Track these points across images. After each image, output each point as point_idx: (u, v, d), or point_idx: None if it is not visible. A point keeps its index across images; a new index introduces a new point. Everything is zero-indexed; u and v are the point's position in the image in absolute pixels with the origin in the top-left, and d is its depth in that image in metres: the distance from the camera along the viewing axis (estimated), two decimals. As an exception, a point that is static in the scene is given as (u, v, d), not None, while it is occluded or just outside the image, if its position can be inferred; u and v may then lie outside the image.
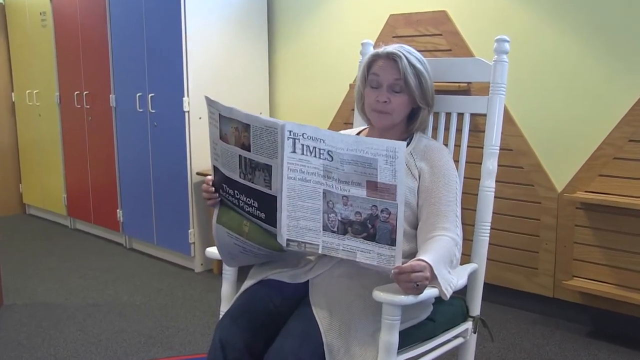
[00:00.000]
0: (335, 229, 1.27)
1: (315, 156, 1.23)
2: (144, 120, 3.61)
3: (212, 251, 1.67)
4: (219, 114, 1.34)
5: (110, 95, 3.84)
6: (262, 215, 1.33)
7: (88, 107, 4.08)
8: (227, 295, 1.68)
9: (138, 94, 3.61)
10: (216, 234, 1.47)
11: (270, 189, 1.27)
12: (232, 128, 1.32)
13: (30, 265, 3.60)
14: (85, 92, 4.08)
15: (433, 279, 1.30)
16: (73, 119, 4.24)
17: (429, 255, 1.33)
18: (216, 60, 3.44)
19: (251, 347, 1.44)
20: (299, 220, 1.26)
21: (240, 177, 1.34)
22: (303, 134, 1.21)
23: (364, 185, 1.23)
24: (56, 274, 3.45)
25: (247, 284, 1.59)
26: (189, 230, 3.45)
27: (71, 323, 2.74)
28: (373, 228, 1.26)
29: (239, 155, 1.32)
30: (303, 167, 1.23)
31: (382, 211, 1.24)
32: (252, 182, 1.31)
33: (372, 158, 1.21)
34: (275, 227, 1.30)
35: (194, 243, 3.47)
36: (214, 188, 1.47)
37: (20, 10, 4.60)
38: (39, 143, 4.65)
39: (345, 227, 1.27)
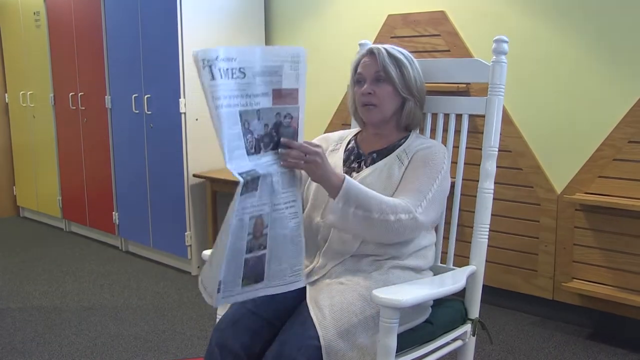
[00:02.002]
0: (252, 150, 1.27)
1: (229, 78, 1.22)
2: (140, 121, 3.58)
3: (209, 254, 1.65)
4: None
5: (106, 97, 3.82)
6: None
7: (83, 108, 4.05)
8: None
9: (134, 95, 3.59)
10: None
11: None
12: None
13: (25, 269, 3.57)
14: (80, 94, 4.05)
15: (336, 188, 1.38)
16: (68, 120, 4.21)
17: (358, 184, 1.43)
18: (212, 61, 3.41)
19: (248, 351, 1.43)
20: (234, 150, 1.25)
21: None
22: (216, 57, 1.20)
23: (270, 94, 1.26)
24: (51, 277, 3.43)
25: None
26: (186, 233, 3.43)
27: (66, 327, 2.72)
28: (277, 134, 1.29)
29: None
30: (222, 91, 1.21)
31: (284, 117, 1.28)
32: None
33: (278, 66, 1.24)
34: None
35: (190, 245, 3.44)
36: None
37: (13, 10, 4.58)
38: (33, 145, 4.63)
39: (259, 144, 1.28)
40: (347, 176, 1.40)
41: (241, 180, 1.20)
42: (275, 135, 1.29)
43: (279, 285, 1.36)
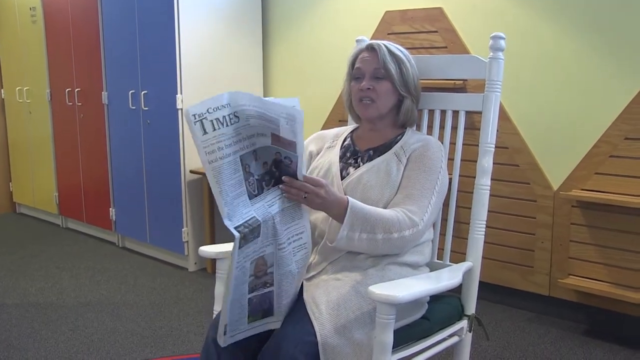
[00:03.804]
0: (255, 192, 1.27)
1: (227, 125, 1.21)
2: (137, 117, 3.58)
3: (206, 250, 1.66)
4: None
5: (103, 93, 3.81)
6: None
7: (80, 104, 4.04)
8: (221, 294, 1.66)
9: (131, 91, 3.58)
10: None
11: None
12: None
13: (21, 265, 3.57)
14: (76, 89, 4.04)
15: (340, 215, 1.39)
16: (64, 116, 4.20)
17: (361, 203, 1.43)
18: (210, 57, 3.41)
19: (245, 347, 1.43)
20: (233, 201, 1.24)
21: None
22: (207, 109, 1.18)
23: (268, 136, 1.24)
24: (47, 273, 3.42)
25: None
26: (183, 229, 3.42)
27: (63, 323, 2.72)
28: (278, 171, 1.28)
29: None
30: (219, 142, 1.20)
31: (284, 158, 1.27)
32: None
33: (275, 118, 1.22)
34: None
35: (187, 242, 3.44)
36: None
37: (9, 5, 4.56)
38: (30, 141, 4.61)
39: (261, 183, 1.28)
40: (350, 200, 1.40)
41: (237, 235, 1.21)
42: (275, 171, 1.29)
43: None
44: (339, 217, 1.41)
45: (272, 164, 1.28)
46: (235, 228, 1.22)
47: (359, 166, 1.60)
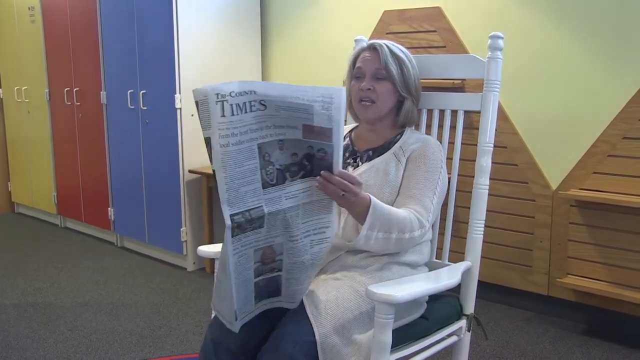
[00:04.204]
0: (274, 181, 1.22)
1: (246, 112, 1.15)
2: (136, 117, 3.57)
3: (205, 250, 1.65)
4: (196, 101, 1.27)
5: (101, 92, 3.81)
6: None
7: (78, 104, 4.04)
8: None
9: (129, 91, 3.58)
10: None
11: (212, 164, 1.21)
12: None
13: (19, 265, 3.56)
14: (75, 89, 4.04)
15: (362, 213, 1.36)
16: (63, 116, 4.20)
17: (379, 201, 1.38)
18: (208, 56, 3.41)
19: (243, 347, 1.43)
20: (239, 188, 1.20)
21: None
22: (230, 93, 1.13)
23: (300, 128, 1.18)
24: (46, 273, 3.42)
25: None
26: (181, 229, 3.42)
27: (61, 323, 2.71)
28: (310, 165, 1.22)
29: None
30: (235, 128, 1.15)
31: (318, 151, 1.21)
32: (210, 160, 1.25)
33: (307, 104, 1.15)
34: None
35: (186, 241, 3.44)
36: None
37: (7, 5, 4.56)
38: (28, 140, 4.61)
39: (283, 174, 1.22)
40: (372, 199, 1.37)
41: (228, 224, 1.18)
42: (307, 164, 1.22)
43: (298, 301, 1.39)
44: (360, 216, 1.38)
45: (304, 157, 1.21)
46: (232, 216, 1.19)
47: (357, 166, 1.60)
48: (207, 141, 1.19)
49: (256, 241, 1.25)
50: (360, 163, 1.61)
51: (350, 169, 1.60)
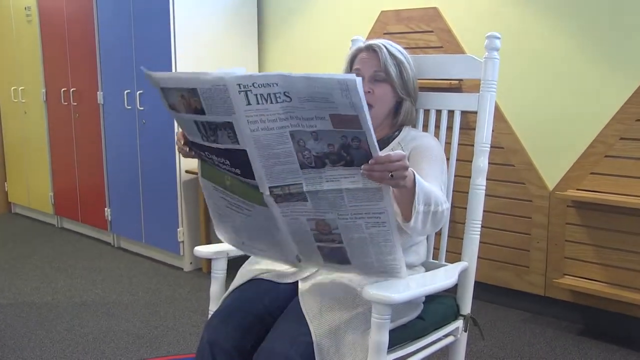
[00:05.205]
0: (313, 164, 1.19)
1: (272, 102, 1.12)
2: (132, 117, 3.57)
3: (201, 250, 1.65)
4: (160, 87, 1.25)
5: (98, 92, 3.80)
6: (237, 171, 1.26)
7: (75, 104, 4.03)
8: (216, 294, 1.66)
9: (126, 91, 3.57)
10: (203, 188, 1.42)
11: (238, 144, 1.19)
12: (178, 96, 1.23)
13: (16, 265, 3.56)
14: (72, 89, 4.03)
15: (411, 186, 1.25)
16: (60, 116, 4.19)
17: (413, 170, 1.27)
18: (205, 56, 3.40)
19: (240, 347, 1.43)
20: (274, 166, 1.19)
21: (203, 140, 1.27)
22: (253, 84, 1.10)
23: (328, 119, 1.14)
24: (43, 273, 3.41)
25: (236, 283, 1.58)
26: (178, 229, 3.42)
27: (58, 323, 2.71)
28: (349, 155, 1.17)
29: (194, 121, 1.24)
30: (262, 116, 1.13)
31: (352, 139, 1.15)
32: (217, 142, 1.23)
33: (327, 92, 1.10)
34: (254, 180, 1.24)
35: (183, 242, 3.44)
36: (186, 144, 1.39)
37: (4, 5, 4.55)
38: (25, 141, 4.60)
39: (322, 160, 1.18)
40: (415, 174, 1.26)
41: (267, 194, 1.22)
42: (346, 155, 1.16)
43: (375, 273, 1.37)
44: (407, 192, 1.27)
45: (341, 148, 1.16)
46: (271, 188, 1.19)
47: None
48: (182, 123, 1.24)
49: (305, 212, 1.23)
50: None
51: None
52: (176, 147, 1.41)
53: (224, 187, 1.35)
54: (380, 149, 1.58)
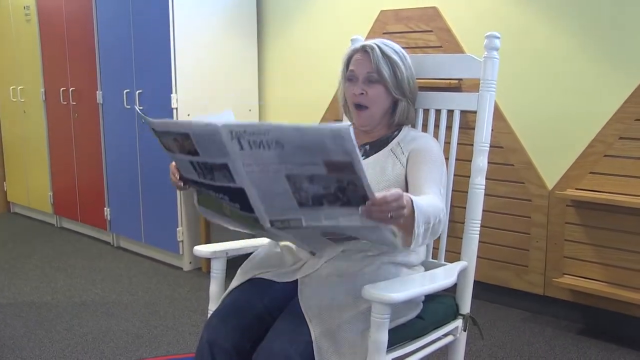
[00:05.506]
0: (310, 203, 1.21)
1: (264, 149, 1.15)
2: (132, 117, 3.57)
3: (201, 249, 1.65)
4: (154, 130, 1.29)
5: (97, 92, 3.80)
6: (237, 205, 1.29)
7: (74, 103, 4.03)
8: (216, 293, 1.66)
9: (125, 91, 3.57)
10: (200, 212, 1.46)
11: (235, 183, 1.22)
12: (171, 139, 1.27)
13: (16, 265, 3.55)
14: (71, 89, 4.03)
15: (410, 214, 1.24)
16: (59, 115, 4.19)
17: (413, 197, 1.28)
18: (205, 55, 3.40)
19: (239, 347, 1.43)
20: (273, 202, 1.22)
21: (199, 178, 1.31)
22: (245, 131, 1.13)
23: (322, 165, 1.15)
24: (42, 272, 3.41)
25: (235, 282, 1.58)
26: (177, 229, 3.42)
27: (57, 322, 2.71)
28: (345, 196, 1.19)
29: (189, 161, 1.28)
30: (257, 159, 1.16)
31: (348, 184, 1.17)
32: (214, 181, 1.27)
33: (319, 141, 1.11)
34: (253, 213, 1.27)
35: (182, 241, 3.44)
36: (180, 177, 1.41)
37: (3, 4, 4.55)
38: (24, 140, 4.60)
39: (320, 200, 1.21)
40: (413, 199, 1.26)
41: (268, 226, 1.26)
42: (342, 196, 1.18)
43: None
44: (407, 219, 1.27)
45: (337, 190, 1.18)
46: (272, 221, 1.23)
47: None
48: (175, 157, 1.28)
49: (308, 232, 1.29)
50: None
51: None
52: (171, 179, 1.45)
53: (223, 214, 1.38)
54: (380, 149, 1.60)
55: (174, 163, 1.42)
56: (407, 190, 1.52)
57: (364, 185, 1.15)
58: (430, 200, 1.38)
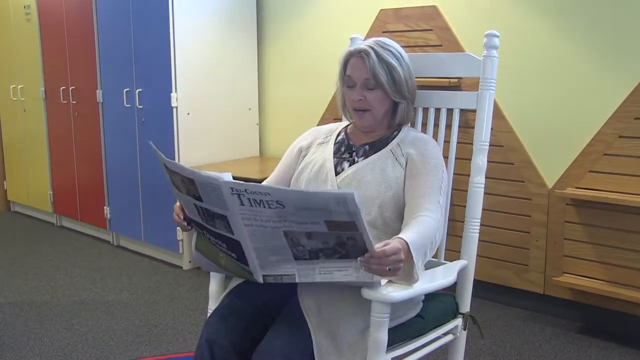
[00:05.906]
0: (306, 257, 1.25)
1: (264, 207, 1.18)
2: (132, 116, 3.57)
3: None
4: (164, 164, 1.33)
5: (97, 91, 3.80)
6: (234, 255, 1.33)
7: (74, 102, 4.03)
8: (215, 293, 1.66)
9: (125, 90, 3.57)
10: (195, 257, 1.51)
11: (233, 235, 1.26)
12: (179, 180, 1.31)
13: (15, 264, 3.55)
14: (71, 87, 4.03)
15: (408, 259, 1.29)
16: (59, 114, 4.19)
17: (409, 233, 1.33)
18: (205, 55, 3.40)
19: (238, 346, 1.43)
20: (269, 257, 1.26)
21: (202, 221, 1.34)
22: (245, 190, 1.17)
23: (323, 224, 1.18)
24: (42, 271, 3.41)
25: (235, 282, 1.57)
26: (177, 228, 3.42)
27: (57, 321, 2.71)
28: (344, 249, 1.22)
29: (194, 204, 1.31)
30: (256, 215, 1.20)
31: (347, 239, 1.20)
32: (215, 228, 1.30)
33: (323, 204, 1.15)
34: (248, 266, 1.31)
35: (182, 240, 3.44)
36: (184, 216, 1.45)
37: (3, 3, 4.54)
38: (24, 139, 4.60)
39: (316, 253, 1.24)
40: (408, 242, 1.29)
41: (260, 281, 1.30)
42: (341, 249, 1.22)
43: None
44: (406, 264, 1.31)
45: (336, 244, 1.21)
46: (265, 276, 1.28)
47: (353, 161, 1.60)
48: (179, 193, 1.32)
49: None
50: (356, 158, 1.60)
51: (345, 165, 1.60)
52: (174, 219, 1.49)
53: (217, 264, 1.43)
54: (379, 149, 1.60)
55: (178, 204, 1.46)
56: (405, 189, 1.53)
57: (364, 240, 1.18)
58: (424, 228, 1.40)
